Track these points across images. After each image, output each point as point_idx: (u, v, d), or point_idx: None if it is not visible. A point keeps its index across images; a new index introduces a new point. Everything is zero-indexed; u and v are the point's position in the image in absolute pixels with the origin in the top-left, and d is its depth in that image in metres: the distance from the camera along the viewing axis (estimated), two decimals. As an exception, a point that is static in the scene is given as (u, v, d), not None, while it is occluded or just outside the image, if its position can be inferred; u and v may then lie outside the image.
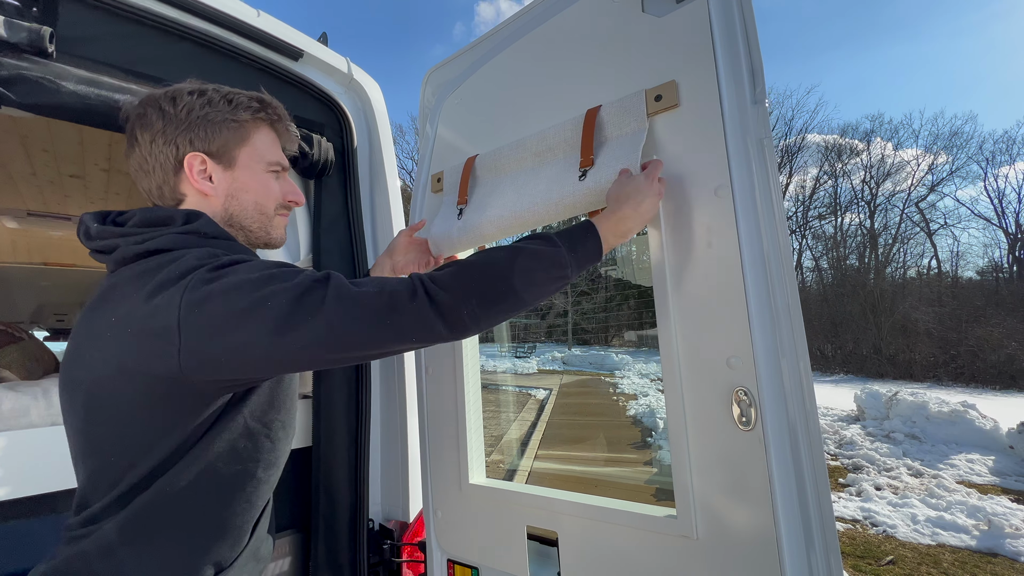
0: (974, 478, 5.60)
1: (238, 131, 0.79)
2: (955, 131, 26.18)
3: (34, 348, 1.69)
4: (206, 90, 0.78)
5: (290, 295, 0.63)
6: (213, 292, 0.63)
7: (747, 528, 0.78)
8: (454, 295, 0.68)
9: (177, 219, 0.74)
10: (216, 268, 0.66)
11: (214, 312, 0.62)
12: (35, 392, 1.14)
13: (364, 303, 0.65)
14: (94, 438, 0.70)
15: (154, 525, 0.68)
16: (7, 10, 0.95)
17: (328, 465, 1.33)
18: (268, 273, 0.65)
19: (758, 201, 0.81)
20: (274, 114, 0.83)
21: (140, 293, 0.65)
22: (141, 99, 0.78)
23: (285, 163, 0.87)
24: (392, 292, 0.67)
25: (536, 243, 0.77)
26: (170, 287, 0.64)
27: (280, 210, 0.86)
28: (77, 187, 2.58)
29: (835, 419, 8.59)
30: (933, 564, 3.69)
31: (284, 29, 1.37)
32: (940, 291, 21.84)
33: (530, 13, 1.16)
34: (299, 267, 0.70)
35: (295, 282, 0.65)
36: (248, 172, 0.81)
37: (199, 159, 0.77)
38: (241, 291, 0.63)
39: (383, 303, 0.66)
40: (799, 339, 0.77)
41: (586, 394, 12.07)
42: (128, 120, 0.79)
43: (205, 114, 0.76)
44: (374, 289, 0.67)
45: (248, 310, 0.62)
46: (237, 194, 0.80)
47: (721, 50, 0.85)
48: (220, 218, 0.80)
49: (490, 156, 1.16)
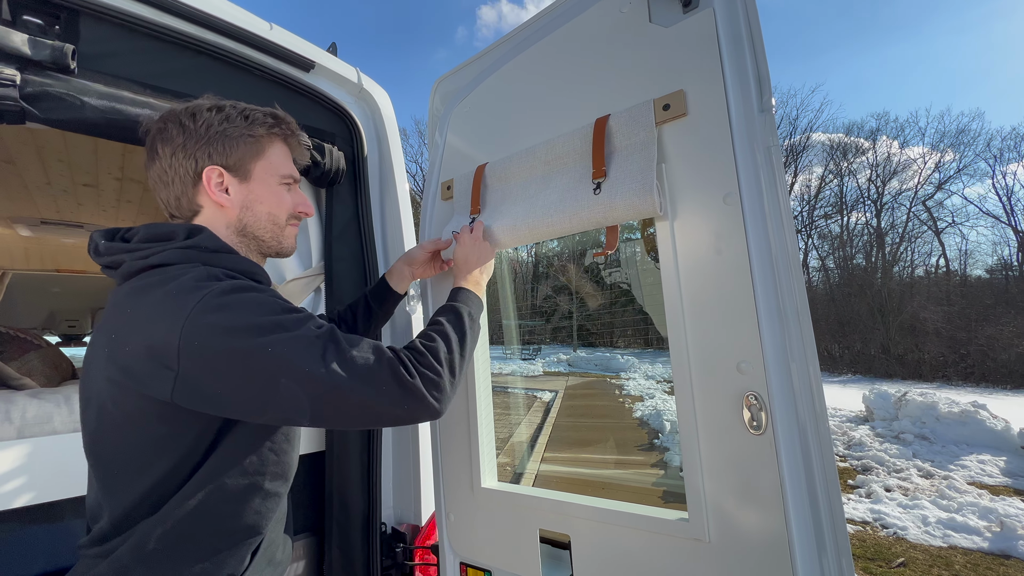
0: (985, 479, 5.55)
1: (254, 146, 0.82)
2: (962, 128, 25.95)
3: (52, 355, 1.72)
4: (224, 106, 0.82)
5: (294, 347, 0.65)
6: (216, 327, 0.63)
7: (759, 531, 0.78)
8: (438, 372, 0.76)
9: (179, 234, 0.76)
10: (220, 295, 0.66)
11: (215, 349, 0.63)
12: (57, 399, 1.17)
13: (365, 367, 0.69)
14: (101, 454, 0.72)
15: (166, 546, 0.69)
16: (31, 29, 0.98)
17: (341, 470, 1.35)
18: (273, 320, 0.67)
19: (766, 208, 0.82)
20: (287, 129, 0.87)
21: (138, 310, 0.67)
22: (162, 114, 0.81)
23: (297, 176, 0.91)
24: (391, 362, 0.71)
25: (454, 316, 0.90)
26: (169, 308, 0.64)
27: (291, 220, 0.89)
28: (90, 196, 2.62)
29: (843, 420, 8.53)
30: (945, 566, 3.66)
31: (296, 41, 1.40)
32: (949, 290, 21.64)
33: (538, 23, 1.17)
34: (303, 312, 0.72)
35: (300, 334, 0.67)
36: (262, 185, 0.84)
37: (217, 172, 0.80)
38: (245, 334, 0.64)
39: (384, 371, 0.70)
40: (808, 343, 0.78)
41: (592, 396, 12.05)
42: (149, 134, 0.81)
43: (223, 129, 0.79)
44: (373, 356, 0.71)
45: (250, 355, 0.63)
46: (251, 205, 0.83)
47: (728, 59, 0.86)
48: (234, 228, 0.83)
49: (500, 164, 1.17)
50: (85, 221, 3.04)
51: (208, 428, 0.70)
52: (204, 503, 0.70)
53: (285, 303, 0.72)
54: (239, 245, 0.84)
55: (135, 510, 0.70)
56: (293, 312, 0.70)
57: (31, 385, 1.45)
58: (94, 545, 0.71)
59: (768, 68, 0.85)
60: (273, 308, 0.69)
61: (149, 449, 0.69)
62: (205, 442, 0.71)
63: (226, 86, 1.23)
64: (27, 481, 1.05)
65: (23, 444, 1.06)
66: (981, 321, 17.96)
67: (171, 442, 0.69)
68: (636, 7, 0.98)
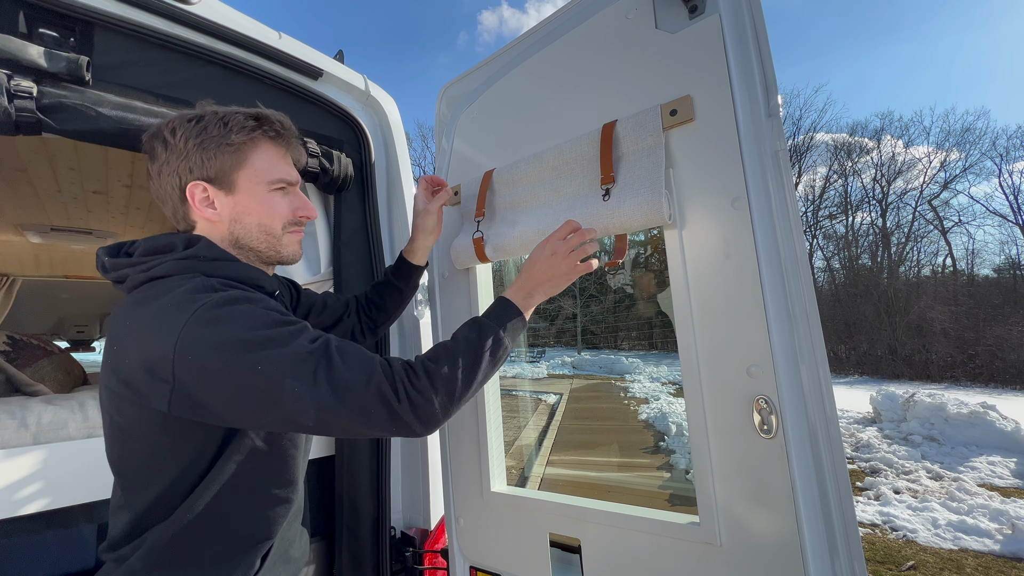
0: (996, 481, 5.49)
1: (234, 155, 0.77)
2: (967, 127, 25.76)
3: (64, 361, 1.74)
4: (204, 115, 0.78)
5: (283, 365, 0.63)
6: (208, 342, 0.63)
7: (770, 535, 0.79)
8: (430, 398, 0.69)
9: (178, 245, 0.75)
10: (213, 308, 0.65)
11: (207, 363, 0.62)
12: (71, 405, 1.18)
13: (353, 390, 0.65)
14: (115, 461, 0.74)
15: (176, 552, 0.70)
16: (47, 41, 1.00)
17: (351, 474, 1.36)
18: (265, 335, 0.64)
19: (775, 212, 0.82)
20: (271, 129, 0.80)
21: (136, 323, 0.68)
22: (149, 131, 0.79)
23: (292, 178, 0.84)
24: (379, 385, 0.66)
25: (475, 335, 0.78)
26: (164, 322, 0.64)
27: (290, 227, 0.84)
28: (100, 202, 2.65)
29: (851, 421, 8.47)
30: (955, 569, 3.62)
31: (304, 49, 1.42)
32: (956, 290, 21.46)
33: (544, 29, 1.18)
34: (298, 324, 0.69)
35: (291, 350, 0.64)
36: (248, 195, 0.79)
37: (200, 187, 0.77)
38: (236, 349, 0.63)
39: (371, 395, 0.66)
40: (818, 346, 0.78)
41: (597, 398, 12.02)
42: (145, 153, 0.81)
43: (200, 141, 0.76)
44: (363, 377, 0.66)
45: (239, 370, 0.62)
46: (240, 217, 0.79)
47: (735, 64, 0.87)
48: (228, 242, 0.80)
49: (508, 170, 1.18)
50: (94, 228, 3.07)
51: (212, 437, 0.71)
52: (211, 509, 0.71)
53: (280, 314, 0.70)
54: (239, 256, 0.81)
55: (146, 516, 0.71)
56: (287, 324, 0.68)
57: (45, 391, 1.47)
58: (110, 550, 0.73)
59: (775, 73, 0.85)
60: (265, 321, 0.66)
61: (156, 457, 0.70)
62: (211, 450, 0.71)
63: (236, 95, 1.25)
64: (43, 487, 1.06)
65: (39, 450, 1.07)
66: (989, 321, 17.80)
67: (176, 450, 0.69)
68: (642, 13, 0.98)
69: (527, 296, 0.87)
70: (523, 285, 0.87)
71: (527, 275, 0.88)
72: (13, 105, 0.92)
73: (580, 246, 0.89)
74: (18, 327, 4.14)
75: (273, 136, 0.81)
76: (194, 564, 0.71)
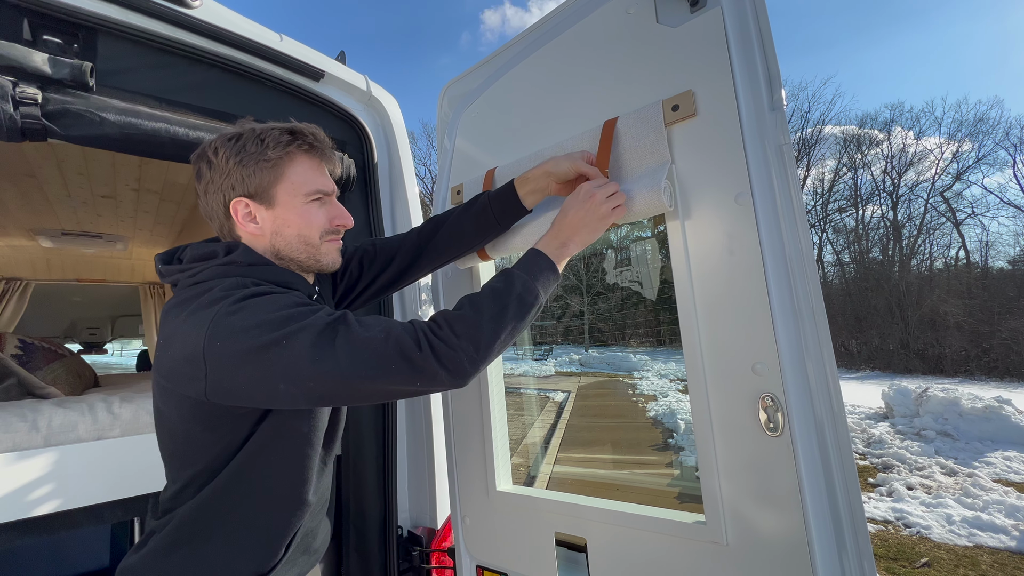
0: (1012, 476, 5.40)
1: (272, 170, 0.81)
2: (980, 117, 25.24)
3: (76, 364, 1.76)
4: (242, 134, 0.81)
5: (304, 337, 0.66)
6: (234, 328, 0.67)
7: (778, 533, 0.78)
8: (455, 346, 0.69)
9: (219, 252, 0.80)
10: (239, 300, 0.70)
11: (234, 348, 0.66)
12: (82, 408, 1.20)
13: (373, 349, 0.67)
14: (162, 449, 0.81)
15: (196, 532, 0.75)
16: (51, 48, 1.01)
17: (357, 474, 1.37)
18: (286, 314, 0.68)
19: (779, 207, 0.81)
20: (305, 142, 0.83)
21: (177, 320, 0.73)
22: (196, 151, 0.83)
23: (328, 188, 0.86)
24: (399, 339, 0.68)
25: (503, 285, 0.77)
26: (198, 317, 0.69)
27: (328, 236, 0.87)
28: (108, 206, 2.69)
29: (862, 417, 8.38)
30: (971, 566, 3.58)
31: (305, 51, 1.42)
32: (969, 282, 21.12)
33: (544, 26, 1.17)
34: (316, 305, 0.73)
35: (309, 323, 0.67)
36: (288, 208, 0.82)
37: (243, 203, 0.81)
38: (260, 329, 0.66)
39: (391, 350, 0.67)
40: (824, 342, 0.77)
41: (605, 396, 11.99)
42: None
43: (240, 159, 0.79)
44: (381, 335, 0.68)
45: (264, 348, 0.66)
46: (281, 230, 0.83)
47: (737, 58, 0.86)
48: (271, 253, 0.84)
49: (509, 168, 1.17)
50: (104, 231, 3.11)
51: (240, 426, 0.75)
52: (232, 496, 0.76)
53: (303, 301, 0.73)
54: (280, 264, 0.84)
55: (177, 498, 0.78)
56: (306, 305, 0.72)
57: (56, 394, 1.49)
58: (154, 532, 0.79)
59: (778, 66, 0.84)
60: (287, 303, 0.70)
61: (192, 444, 0.76)
62: (238, 440, 0.76)
63: (239, 98, 1.26)
64: (54, 488, 1.07)
65: (50, 452, 1.09)
66: (1004, 314, 17.50)
67: (209, 438, 0.75)
68: (643, 8, 0.97)
69: (561, 246, 0.85)
70: (556, 235, 0.86)
71: (560, 224, 0.86)
72: (19, 112, 0.93)
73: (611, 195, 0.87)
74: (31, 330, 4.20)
75: (307, 149, 0.84)
76: (214, 546, 0.76)
